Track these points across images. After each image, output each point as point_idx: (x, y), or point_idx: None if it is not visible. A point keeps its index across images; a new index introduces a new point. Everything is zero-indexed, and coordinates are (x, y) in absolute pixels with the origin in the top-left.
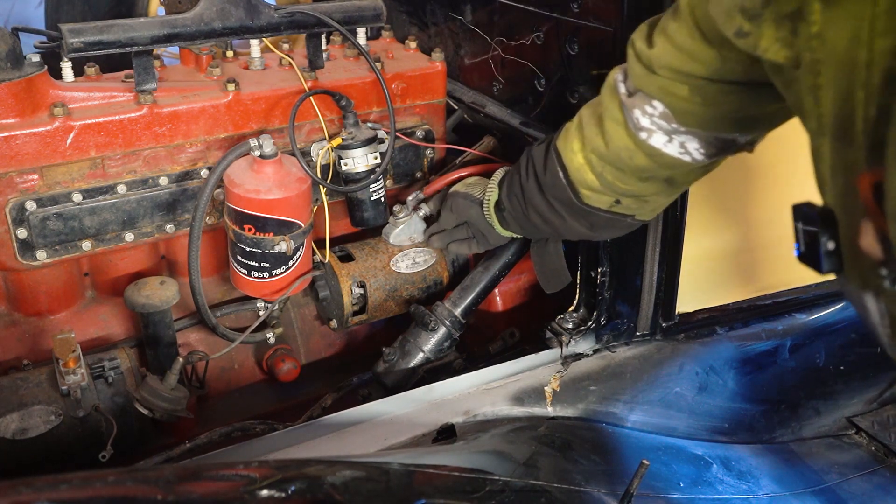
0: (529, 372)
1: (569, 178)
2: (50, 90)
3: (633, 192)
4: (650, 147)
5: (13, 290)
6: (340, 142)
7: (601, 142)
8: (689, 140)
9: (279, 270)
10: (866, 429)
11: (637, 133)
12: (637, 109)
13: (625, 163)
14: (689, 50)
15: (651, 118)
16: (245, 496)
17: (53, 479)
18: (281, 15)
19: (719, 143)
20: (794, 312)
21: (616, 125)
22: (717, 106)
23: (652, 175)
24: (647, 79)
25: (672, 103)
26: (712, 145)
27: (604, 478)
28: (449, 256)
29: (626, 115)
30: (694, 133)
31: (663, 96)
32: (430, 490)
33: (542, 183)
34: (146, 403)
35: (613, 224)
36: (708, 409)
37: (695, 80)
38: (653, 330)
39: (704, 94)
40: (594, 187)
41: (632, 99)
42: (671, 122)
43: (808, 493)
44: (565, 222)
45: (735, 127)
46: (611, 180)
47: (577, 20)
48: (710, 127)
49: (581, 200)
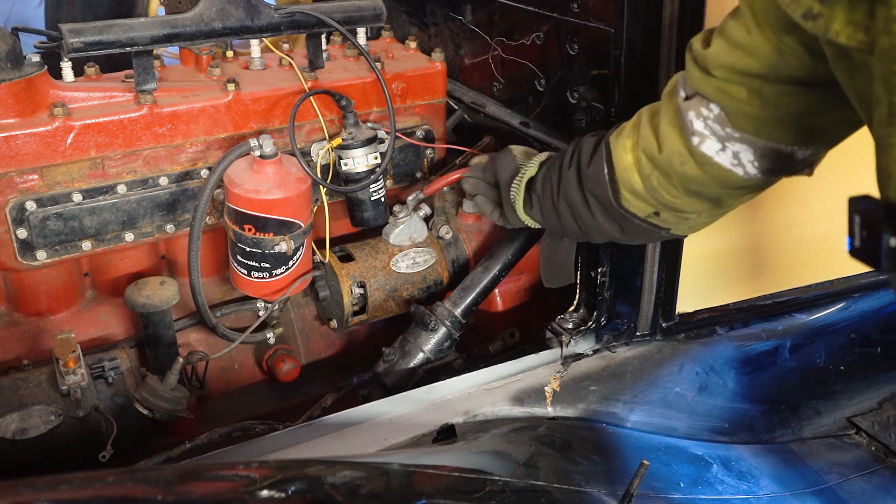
0: (529, 372)
1: (613, 177)
2: (50, 90)
3: (675, 205)
4: (702, 154)
5: (13, 290)
6: (340, 142)
7: (654, 143)
8: (744, 150)
9: (279, 270)
10: (866, 429)
11: (690, 138)
12: (692, 112)
13: (675, 169)
14: (746, 45)
15: (706, 121)
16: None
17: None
18: (281, 15)
19: (775, 156)
20: (794, 312)
21: (671, 128)
22: (774, 108)
23: (700, 190)
24: (704, 80)
25: (728, 105)
26: (767, 158)
27: (604, 478)
28: (449, 256)
29: (681, 118)
30: (749, 141)
31: (720, 98)
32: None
33: (584, 175)
34: (146, 403)
35: (646, 234)
36: (708, 409)
37: (751, 80)
38: (653, 330)
39: (761, 96)
40: (637, 191)
41: (688, 102)
42: (725, 127)
43: (808, 493)
44: (595, 220)
45: (792, 136)
46: (656, 186)
47: (577, 20)
48: (766, 134)
49: (619, 202)
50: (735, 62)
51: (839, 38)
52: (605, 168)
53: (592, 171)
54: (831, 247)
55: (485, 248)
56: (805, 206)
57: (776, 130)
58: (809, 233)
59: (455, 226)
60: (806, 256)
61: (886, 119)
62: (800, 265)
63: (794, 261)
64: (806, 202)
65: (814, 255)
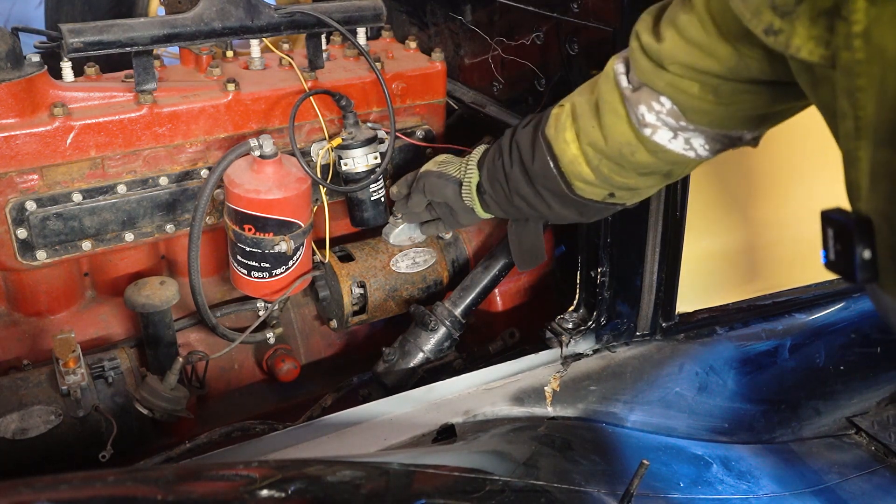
0: (529, 372)
1: (561, 170)
2: (50, 90)
3: (629, 185)
4: (654, 143)
5: (13, 290)
6: (340, 142)
7: (599, 135)
8: (695, 137)
9: (279, 270)
10: (866, 429)
11: (641, 129)
12: (643, 105)
13: (626, 159)
14: (703, 45)
15: (658, 115)
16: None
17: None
18: (281, 15)
19: (726, 139)
20: (794, 312)
21: (617, 120)
22: (730, 105)
23: (652, 171)
24: (655, 74)
25: (682, 101)
26: (718, 142)
27: (604, 478)
28: (449, 256)
29: (629, 110)
30: (701, 130)
31: (673, 93)
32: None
33: (531, 172)
34: (146, 403)
35: (604, 212)
36: (708, 409)
37: (707, 78)
38: (653, 330)
39: (717, 93)
40: (589, 180)
41: (636, 94)
42: (679, 120)
43: (808, 493)
44: (552, 210)
45: (745, 125)
46: (607, 174)
47: (577, 20)
48: (720, 125)
49: (574, 192)
50: (693, 61)
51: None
52: (551, 162)
53: (538, 166)
54: None
55: (485, 248)
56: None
57: (730, 122)
58: (809, 233)
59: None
60: (806, 256)
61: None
62: (800, 265)
63: (794, 261)
64: (806, 202)
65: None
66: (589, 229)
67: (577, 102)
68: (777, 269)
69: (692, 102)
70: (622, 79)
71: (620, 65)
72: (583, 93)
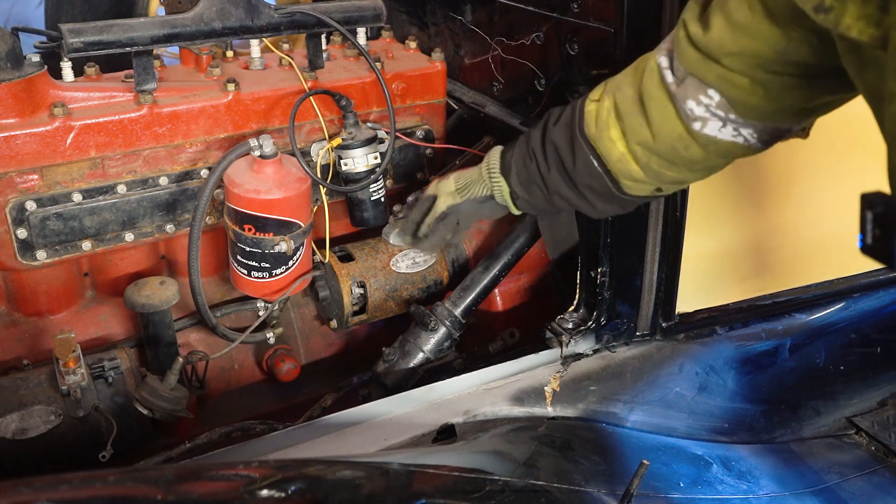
0: (529, 372)
1: (607, 169)
2: (50, 90)
3: (678, 179)
4: (705, 137)
5: (13, 290)
6: (340, 142)
7: (648, 134)
8: (744, 127)
9: (279, 270)
10: (866, 429)
11: (691, 124)
12: (691, 100)
13: (678, 154)
14: (751, 28)
15: (707, 108)
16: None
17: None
18: (281, 15)
19: (775, 131)
20: (794, 312)
21: (666, 117)
22: (779, 100)
23: (704, 166)
24: (704, 65)
25: (732, 94)
26: (767, 133)
27: (604, 478)
28: (449, 256)
29: (677, 105)
30: (752, 124)
31: (722, 86)
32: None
33: (572, 174)
34: (146, 403)
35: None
36: (708, 409)
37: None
38: (653, 330)
39: (767, 88)
40: (638, 178)
41: (682, 88)
42: (729, 113)
43: (808, 493)
44: (595, 208)
45: (794, 118)
46: (657, 169)
47: (577, 20)
48: (770, 119)
49: (621, 191)
50: (742, 47)
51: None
52: (595, 162)
53: (581, 167)
54: (831, 247)
55: (485, 248)
56: (805, 206)
57: (779, 116)
58: (809, 233)
59: None
60: (806, 256)
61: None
62: (800, 265)
63: (794, 261)
64: (806, 202)
65: (814, 255)
66: (589, 229)
67: (619, 99)
68: (777, 269)
69: (742, 97)
70: (667, 74)
71: (664, 58)
72: (622, 87)
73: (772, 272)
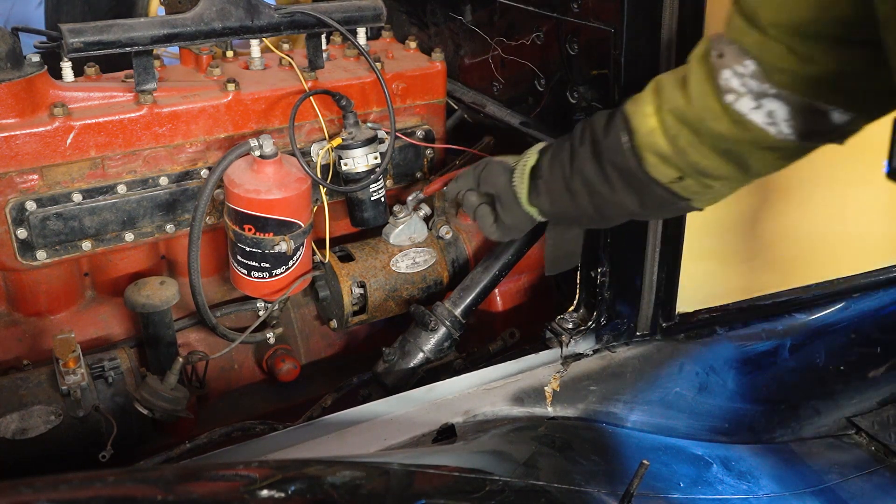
0: (529, 372)
1: (634, 143)
2: (50, 90)
3: (703, 166)
4: (737, 112)
5: (13, 290)
6: (340, 142)
7: (683, 101)
8: (779, 107)
9: (279, 270)
10: (866, 429)
11: (724, 95)
12: (727, 70)
13: (706, 125)
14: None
15: (742, 78)
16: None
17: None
18: (281, 15)
19: (810, 115)
20: (794, 312)
21: (703, 86)
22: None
23: (730, 148)
24: (746, 31)
25: (766, 60)
26: (802, 116)
27: (604, 478)
28: (449, 256)
29: (715, 76)
30: (785, 97)
31: (759, 52)
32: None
33: (601, 147)
34: (146, 403)
35: (667, 205)
36: (708, 409)
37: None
38: (653, 330)
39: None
40: (664, 153)
41: (722, 60)
42: (762, 82)
43: (808, 493)
44: (615, 194)
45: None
46: (684, 146)
47: (577, 20)
48: (804, 90)
49: (643, 168)
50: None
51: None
52: (625, 136)
53: (610, 140)
54: (831, 247)
55: (485, 248)
56: (805, 206)
57: (813, 88)
58: (809, 233)
59: (455, 226)
60: (806, 256)
61: None
62: (800, 265)
63: (794, 261)
64: (806, 202)
65: (814, 255)
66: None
67: (663, 80)
68: (777, 269)
69: (776, 62)
70: (713, 47)
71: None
72: (669, 73)
73: (772, 272)
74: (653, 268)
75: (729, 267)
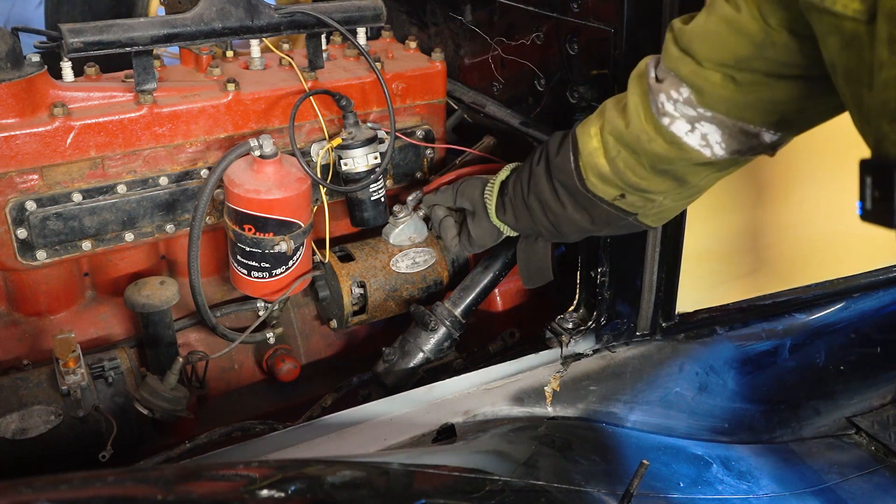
0: (529, 372)
1: (578, 163)
2: (50, 90)
3: (642, 185)
4: (671, 134)
5: (13, 290)
6: (340, 142)
7: (621, 122)
8: (713, 131)
9: (279, 270)
10: (866, 429)
11: (660, 118)
12: (663, 94)
13: (643, 146)
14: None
15: (675, 104)
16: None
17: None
18: (281, 15)
19: (742, 136)
20: (794, 312)
21: (638, 107)
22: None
23: (667, 168)
24: (681, 60)
25: (702, 87)
26: (735, 138)
27: (604, 478)
28: (449, 256)
29: (651, 98)
30: (718, 121)
31: (694, 80)
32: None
33: (552, 165)
34: (146, 403)
35: (615, 221)
36: (708, 409)
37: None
38: (653, 330)
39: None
40: (603, 173)
41: (659, 84)
42: (696, 108)
43: (808, 493)
44: (565, 211)
45: (763, 119)
46: (622, 168)
47: (577, 20)
48: (737, 114)
49: (586, 187)
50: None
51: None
52: (571, 156)
53: (560, 160)
54: (831, 247)
55: None
56: (805, 206)
57: (747, 112)
58: (809, 233)
59: None
60: (806, 256)
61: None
62: (800, 265)
63: (794, 261)
64: (806, 202)
65: (814, 255)
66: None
67: (608, 103)
68: (777, 269)
69: (711, 89)
70: (651, 71)
71: (652, 60)
72: (614, 97)
73: (772, 272)
74: (653, 268)
75: (729, 267)
